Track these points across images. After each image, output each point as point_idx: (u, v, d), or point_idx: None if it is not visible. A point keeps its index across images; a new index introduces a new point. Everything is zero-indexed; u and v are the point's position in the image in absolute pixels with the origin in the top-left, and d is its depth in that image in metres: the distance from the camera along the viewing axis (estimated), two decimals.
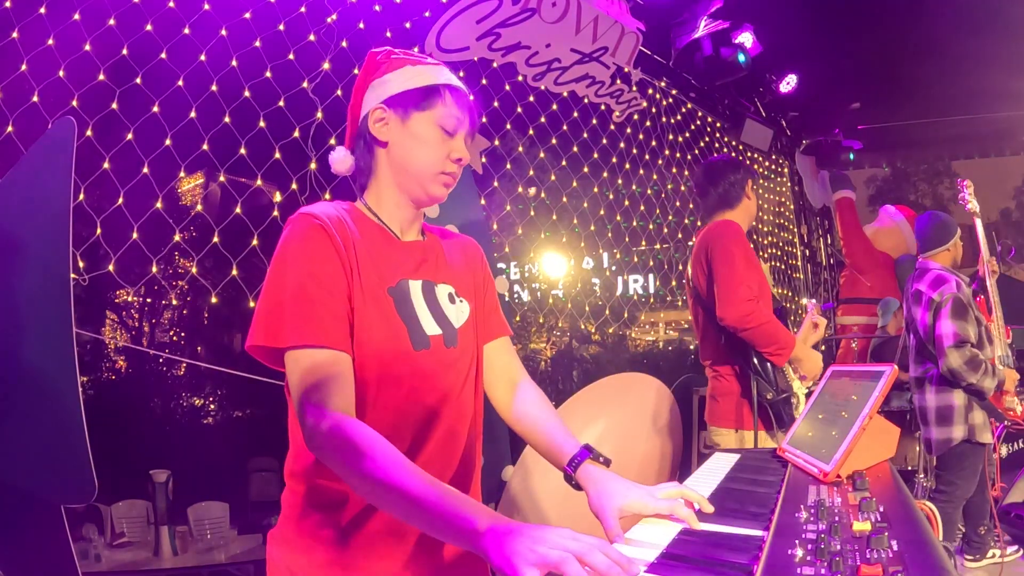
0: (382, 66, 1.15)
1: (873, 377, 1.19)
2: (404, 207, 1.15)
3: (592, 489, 1.05)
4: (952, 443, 3.16)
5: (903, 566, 0.64)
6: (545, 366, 9.57)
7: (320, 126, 3.04)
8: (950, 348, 3.03)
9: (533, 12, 3.63)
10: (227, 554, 3.56)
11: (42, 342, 1.94)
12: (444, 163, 1.12)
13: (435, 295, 1.13)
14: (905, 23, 4.91)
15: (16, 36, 2.43)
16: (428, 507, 0.78)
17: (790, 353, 2.36)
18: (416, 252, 1.15)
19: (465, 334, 1.15)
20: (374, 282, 1.06)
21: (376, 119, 1.13)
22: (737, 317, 2.30)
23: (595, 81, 4.10)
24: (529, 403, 1.22)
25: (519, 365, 1.27)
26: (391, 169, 1.13)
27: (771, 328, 2.32)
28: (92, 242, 2.53)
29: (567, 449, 1.12)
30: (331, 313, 0.98)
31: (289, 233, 1.05)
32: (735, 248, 2.39)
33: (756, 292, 2.35)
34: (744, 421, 2.48)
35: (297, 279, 0.99)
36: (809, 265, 6.70)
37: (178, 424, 7.39)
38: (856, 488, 0.99)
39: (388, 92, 1.12)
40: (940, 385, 3.19)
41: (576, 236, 4.96)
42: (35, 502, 1.90)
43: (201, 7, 2.84)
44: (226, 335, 8.39)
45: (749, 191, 2.61)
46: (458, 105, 1.12)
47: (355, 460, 0.85)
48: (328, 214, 1.06)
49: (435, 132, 1.11)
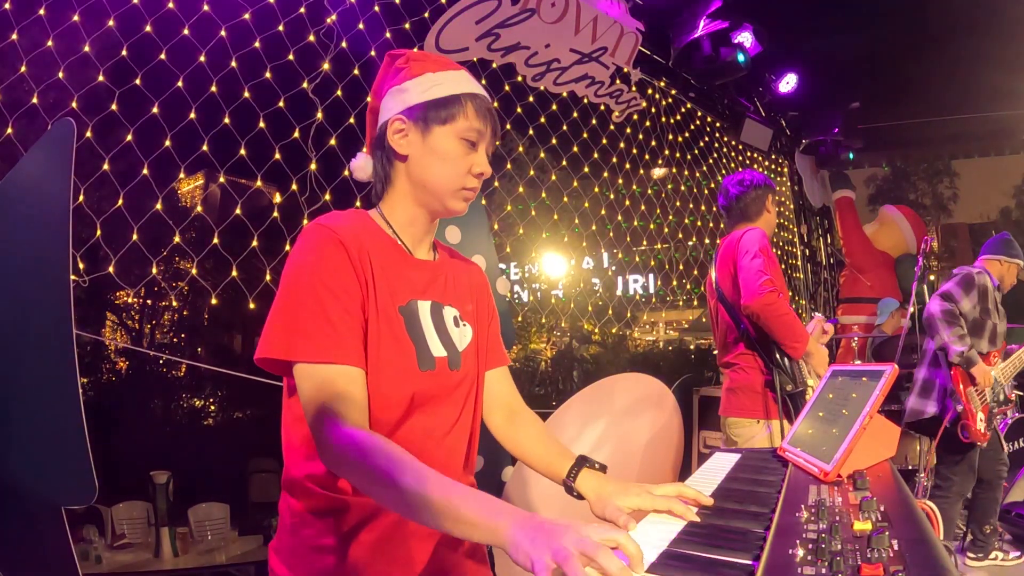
0: (401, 71, 1.12)
1: (874, 376, 1.19)
2: (419, 222, 1.13)
3: (592, 495, 1.11)
4: (923, 415, 3.30)
5: (904, 566, 0.64)
6: (545, 366, 9.57)
7: (320, 126, 3.04)
8: (935, 295, 3.22)
9: (532, 12, 3.63)
10: (228, 555, 3.56)
11: (42, 344, 1.93)
12: (465, 178, 1.09)
13: (442, 317, 1.13)
14: (904, 22, 4.91)
15: (15, 37, 2.43)
16: (453, 511, 0.79)
17: (805, 347, 2.48)
18: (427, 271, 1.14)
19: (468, 358, 1.15)
20: (386, 300, 1.04)
21: (395, 130, 1.09)
22: (762, 305, 2.43)
23: (594, 81, 4.10)
24: (527, 428, 1.26)
25: (516, 393, 1.30)
26: (410, 183, 1.11)
27: (791, 320, 2.45)
28: (92, 243, 2.54)
29: (563, 462, 1.17)
30: (347, 328, 0.97)
31: (303, 244, 1.02)
32: (760, 249, 2.54)
33: (779, 286, 2.48)
34: (770, 411, 2.57)
35: (312, 292, 0.98)
36: (809, 265, 6.70)
37: (178, 425, 7.39)
38: (857, 487, 0.99)
39: (407, 102, 1.09)
40: (933, 360, 3.35)
41: (577, 236, 4.96)
42: (36, 503, 1.90)
43: (200, 7, 2.84)
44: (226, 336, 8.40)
45: (769, 205, 2.77)
46: (479, 116, 1.08)
47: (376, 472, 0.85)
48: (343, 227, 1.04)
49: (457, 146, 1.08)
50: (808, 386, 2.52)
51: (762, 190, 2.75)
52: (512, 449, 1.27)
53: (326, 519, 1.02)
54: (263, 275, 2.88)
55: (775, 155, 6.42)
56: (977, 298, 3.21)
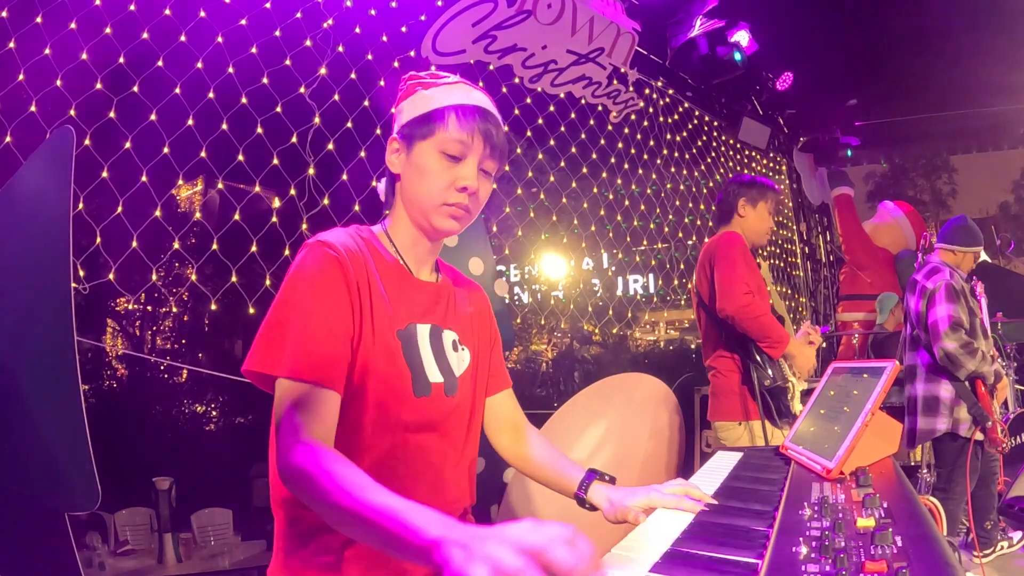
0: (399, 93, 1.14)
1: (875, 373, 1.19)
2: (419, 242, 1.13)
3: (605, 504, 1.14)
4: (935, 434, 3.17)
5: (908, 562, 0.64)
6: (546, 367, 9.56)
7: (318, 131, 3.04)
8: (946, 332, 3.03)
9: (529, 14, 3.63)
10: (231, 560, 3.56)
11: (44, 351, 1.94)
12: (446, 193, 1.05)
13: (441, 341, 1.12)
14: (901, 18, 4.91)
15: (13, 46, 2.43)
16: (380, 525, 0.72)
17: (785, 347, 2.48)
18: (429, 294, 1.14)
19: (464, 383, 1.15)
20: (384, 324, 1.03)
21: (392, 151, 1.11)
22: (736, 308, 2.44)
23: (592, 82, 4.11)
24: (535, 446, 1.28)
25: (521, 412, 1.32)
26: (403, 201, 1.11)
27: (767, 321, 2.46)
28: (92, 251, 2.54)
29: (574, 476, 1.20)
30: (330, 351, 0.96)
31: (302, 260, 1.01)
32: (734, 252, 2.54)
33: (754, 288, 2.48)
34: (750, 413, 2.58)
35: (301, 310, 0.97)
36: (808, 262, 6.70)
37: (180, 431, 7.37)
38: (859, 484, 0.99)
39: (400, 122, 1.10)
40: (929, 375, 3.21)
41: (576, 237, 4.96)
42: (39, 510, 1.90)
43: (197, 14, 2.84)
44: (227, 341, 8.39)
45: (741, 208, 2.72)
46: (463, 127, 1.04)
47: (320, 485, 0.80)
48: (346, 246, 1.03)
49: (436, 160, 1.05)
50: (790, 383, 2.53)
51: (734, 190, 2.73)
52: (521, 467, 1.30)
53: (319, 535, 1.01)
54: (263, 280, 2.88)
55: (773, 153, 6.42)
56: (965, 303, 3.15)
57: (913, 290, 3.29)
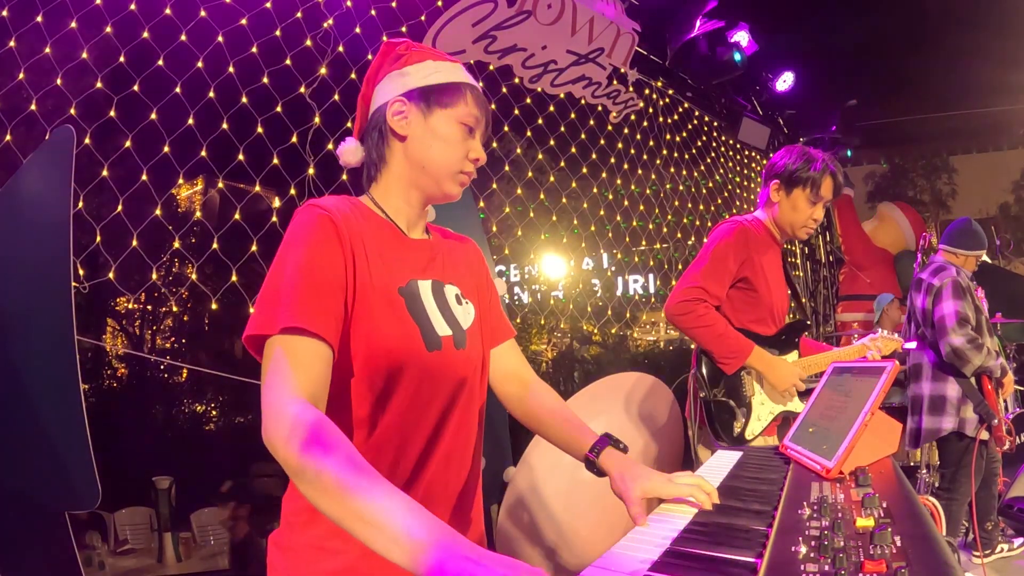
0: (401, 58, 1.14)
1: (874, 373, 1.19)
2: (413, 203, 1.14)
3: (615, 472, 1.11)
4: (941, 433, 3.16)
5: (907, 562, 0.64)
6: (546, 367, 9.56)
7: (318, 131, 3.04)
8: (952, 328, 3.02)
9: (529, 14, 3.63)
10: (231, 560, 3.56)
11: (44, 350, 1.94)
12: (463, 162, 1.12)
13: (444, 295, 1.13)
14: (900, 18, 4.92)
15: (13, 45, 2.43)
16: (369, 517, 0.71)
17: (739, 364, 2.13)
18: (424, 251, 1.14)
19: (472, 336, 1.15)
20: (384, 281, 1.04)
21: (395, 111, 1.11)
22: (673, 315, 2.14)
23: (592, 82, 4.11)
24: (543, 399, 1.25)
25: (527, 364, 1.29)
26: (407, 164, 1.12)
27: (712, 332, 2.11)
28: (92, 250, 2.54)
29: (587, 438, 1.17)
30: (324, 299, 0.94)
31: (294, 223, 1.03)
32: (714, 246, 2.21)
33: (709, 295, 2.14)
34: (698, 415, 2.27)
35: (295, 267, 0.96)
36: (808, 263, 6.71)
37: (180, 430, 7.38)
38: (859, 484, 0.99)
39: (408, 85, 1.11)
40: (936, 373, 3.20)
41: (576, 237, 4.97)
42: (39, 509, 1.90)
43: (197, 14, 2.84)
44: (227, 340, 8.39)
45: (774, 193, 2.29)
46: (478, 104, 1.13)
47: (302, 454, 0.78)
48: (336, 207, 1.04)
49: (457, 130, 1.11)
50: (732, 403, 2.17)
51: (768, 169, 2.31)
52: (528, 422, 1.26)
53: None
54: (263, 279, 2.88)
55: (773, 153, 6.42)
56: (971, 301, 3.16)
57: (919, 288, 3.29)
